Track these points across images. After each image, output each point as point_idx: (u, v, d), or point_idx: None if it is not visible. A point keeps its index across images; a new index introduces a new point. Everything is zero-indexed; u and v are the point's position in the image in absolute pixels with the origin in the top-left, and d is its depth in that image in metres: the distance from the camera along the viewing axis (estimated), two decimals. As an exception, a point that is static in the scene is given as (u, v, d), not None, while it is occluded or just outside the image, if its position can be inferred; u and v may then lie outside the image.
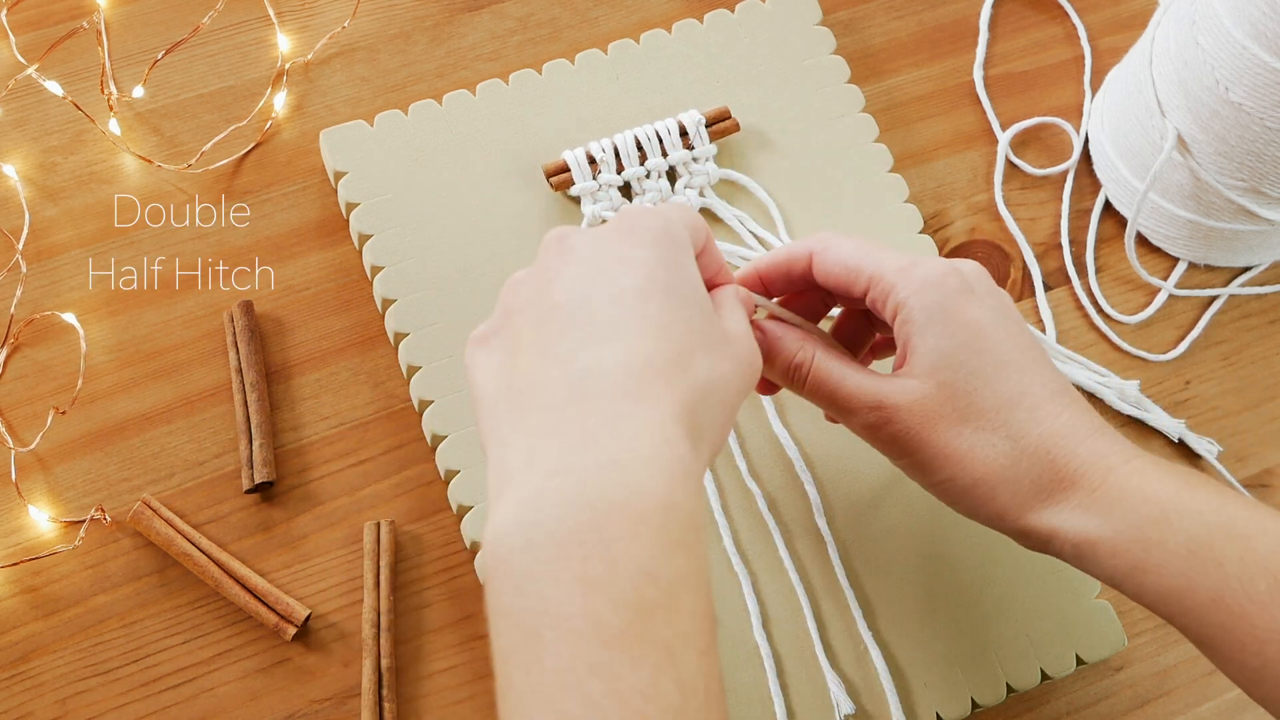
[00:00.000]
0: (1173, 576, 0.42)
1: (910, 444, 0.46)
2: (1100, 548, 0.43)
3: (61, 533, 0.56)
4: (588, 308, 0.40)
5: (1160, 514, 0.42)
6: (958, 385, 0.45)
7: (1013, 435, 0.44)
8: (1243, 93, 0.56)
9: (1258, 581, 0.40)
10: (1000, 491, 0.45)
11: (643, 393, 0.38)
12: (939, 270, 0.46)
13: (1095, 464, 0.44)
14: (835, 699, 0.54)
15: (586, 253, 0.42)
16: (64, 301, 0.60)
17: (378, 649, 0.54)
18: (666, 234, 0.42)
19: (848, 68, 0.66)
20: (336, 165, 0.61)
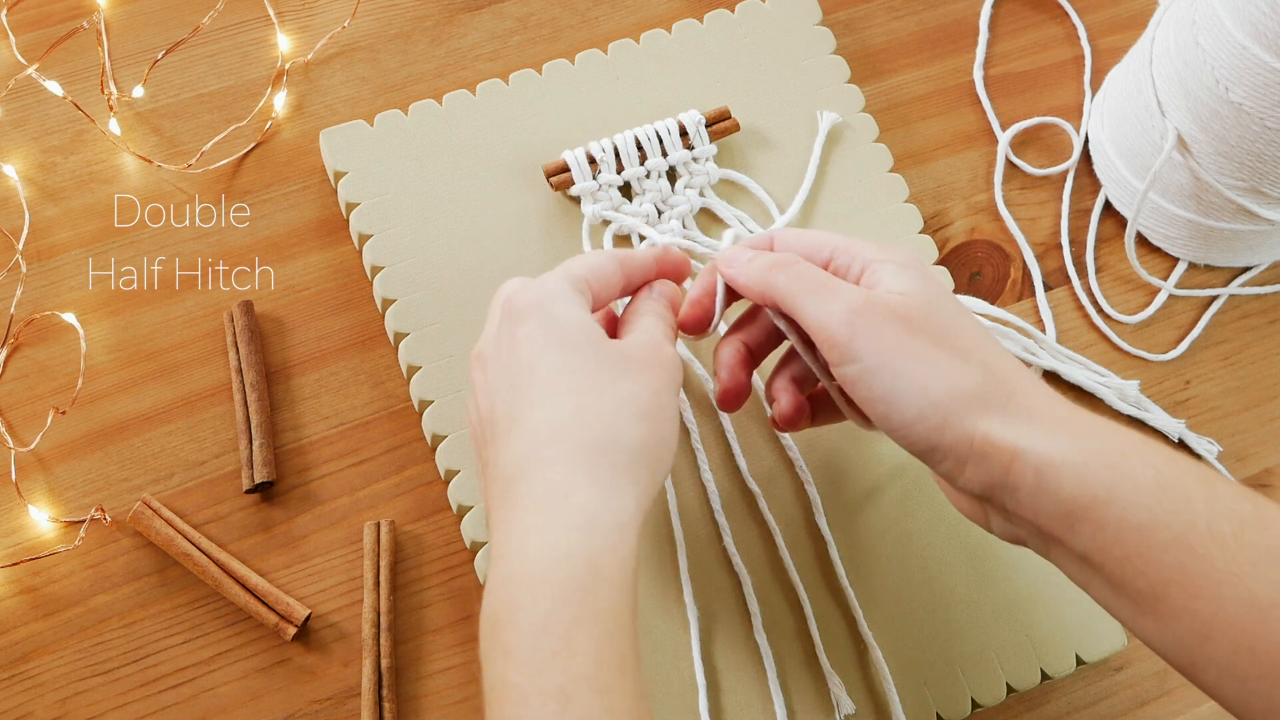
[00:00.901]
0: (1137, 510, 0.40)
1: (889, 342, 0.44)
2: (1065, 473, 0.41)
3: (61, 533, 0.56)
4: (501, 405, 0.45)
5: (1132, 447, 0.41)
6: (936, 310, 0.45)
7: (985, 361, 0.44)
8: (1243, 93, 0.56)
9: (1223, 522, 0.39)
10: (971, 401, 0.43)
11: (541, 458, 0.42)
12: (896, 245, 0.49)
13: (1063, 406, 0.44)
14: (836, 699, 0.54)
15: (489, 355, 0.46)
16: (64, 301, 0.60)
17: (378, 649, 0.54)
18: (537, 300, 0.46)
19: (848, 68, 0.66)
20: (336, 165, 0.61)
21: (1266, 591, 0.38)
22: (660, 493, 0.56)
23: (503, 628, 0.39)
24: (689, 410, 0.58)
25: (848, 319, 0.44)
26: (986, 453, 0.43)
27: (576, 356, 0.44)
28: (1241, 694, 0.39)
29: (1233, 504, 0.40)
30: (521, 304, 0.46)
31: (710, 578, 0.55)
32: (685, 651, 0.54)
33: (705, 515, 0.57)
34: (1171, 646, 0.40)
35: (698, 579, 0.55)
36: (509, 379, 0.45)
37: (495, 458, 0.44)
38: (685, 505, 0.56)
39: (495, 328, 0.47)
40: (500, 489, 0.43)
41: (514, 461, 0.43)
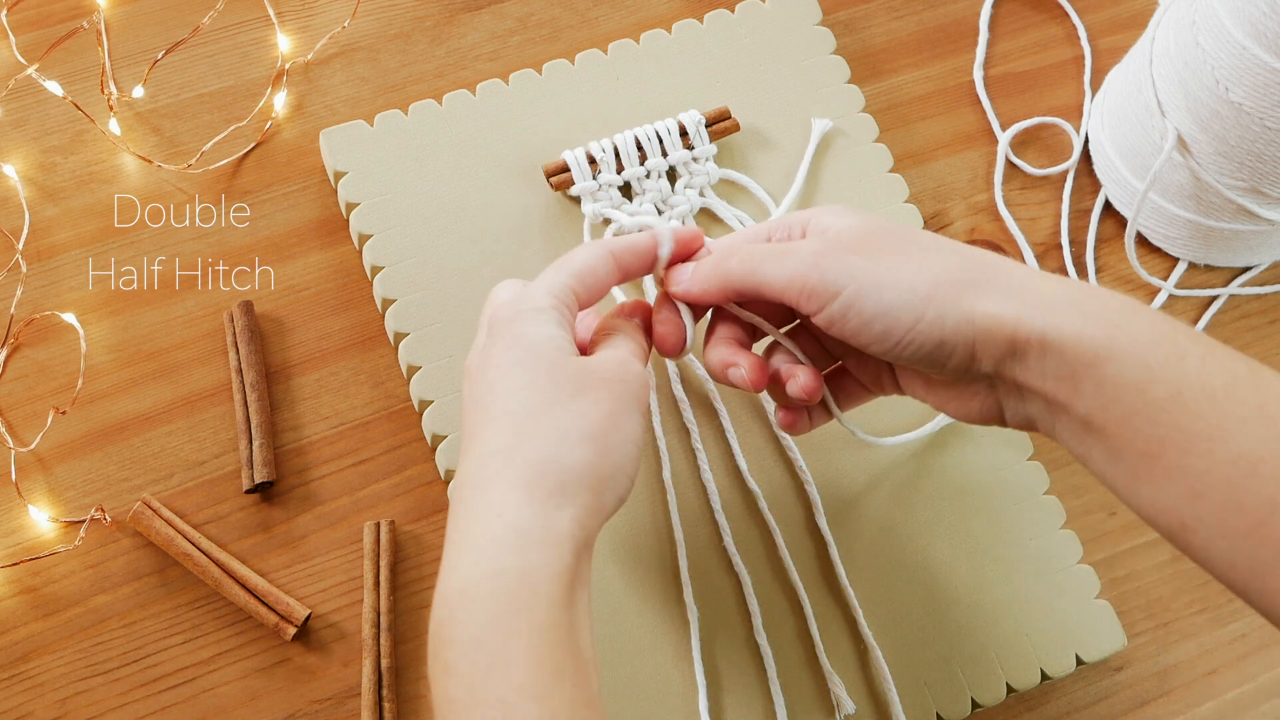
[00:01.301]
0: (1135, 367, 0.40)
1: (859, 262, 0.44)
2: (1066, 332, 0.41)
3: (61, 533, 0.56)
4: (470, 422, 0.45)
5: (1128, 306, 0.42)
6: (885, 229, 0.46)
7: (955, 249, 0.45)
8: (1243, 93, 0.56)
9: (1215, 377, 0.40)
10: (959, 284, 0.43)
11: (483, 480, 0.42)
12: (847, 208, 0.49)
13: (1049, 276, 0.44)
14: (836, 699, 0.54)
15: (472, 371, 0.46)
16: (64, 301, 0.60)
17: (378, 649, 0.54)
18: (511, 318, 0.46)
19: (848, 68, 0.66)
20: (336, 165, 0.61)
21: (1254, 448, 0.38)
22: (660, 492, 0.56)
23: (443, 644, 0.40)
24: (689, 410, 0.58)
25: (812, 261, 0.45)
26: (990, 328, 0.43)
27: (532, 376, 0.44)
28: (1228, 553, 0.39)
29: (1228, 361, 0.40)
30: (501, 319, 0.46)
31: (710, 578, 0.55)
32: (685, 651, 0.54)
33: (705, 515, 0.57)
34: (1164, 510, 0.41)
35: (698, 579, 0.55)
36: (475, 397, 0.45)
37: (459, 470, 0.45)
38: (685, 505, 0.56)
39: (480, 341, 0.47)
40: (451, 507, 0.44)
41: (462, 481, 0.43)
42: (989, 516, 0.58)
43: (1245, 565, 0.39)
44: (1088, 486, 0.61)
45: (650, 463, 0.57)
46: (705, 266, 0.48)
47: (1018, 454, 0.59)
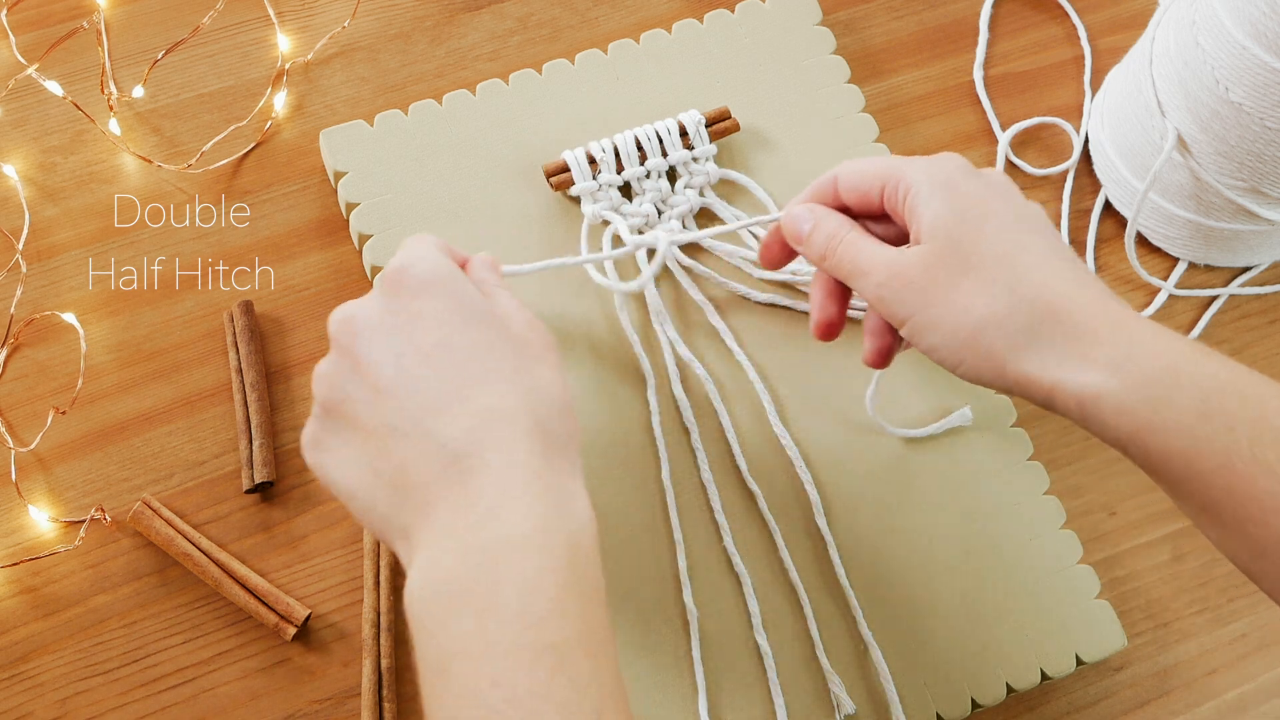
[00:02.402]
0: (1180, 437, 0.40)
1: (911, 303, 0.46)
2: (1105, 403, 0.42)
3: (61, 533, 0.56)
4: (408, 377, 0.42)
5: (1172, 370, 0.41)
6: (959, 241, 0.46)
7: (1011, 283, 0.45)
8: (1243, 93, 0.56)
9: (1269, 448, 0.39)
10: (997, 338, 0.44)
11: (495, 436, 0.41)
12: (942, 158, 0.49)
13: (1103, 316, 0.43)
14: (836, 699, 0.54)
15: (377, 324, 0.44)
16: (64, 301, 0.60)
17: (378, 649, 0.54)
18: (435, 275, 0.44)
19: (848, 68, 0.66)
20: (336, 165, 0.61)
21: None
22: (659, 493, 0.56)
23: (478, 586, 0.39)
24: (689, 410, 0.58)
25: (877, 295, 0.48)
26: (1026, 387, 0.44)
27: (495, 342, 0.44)
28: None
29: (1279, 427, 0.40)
30: (418, 276, 0.44)
31: (710, 578, 0.55)
32: (685, 651, 0.54)
33: (705, 515, 0.57)
34: (1232, 554, 0.42)
35: (697, 579, 0.55)
36: (419, 353, 0.43)
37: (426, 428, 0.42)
38: (685, 505, 0.56)
39: (381, 300, 0.44)
40: (443, 460, 0.41)
41: (461, 435, 0.41)
42: (989, 516, 0.58)
43: None
44: (1088, 486, 0.61)
45: (649, 463, 0.57)
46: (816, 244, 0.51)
47: (1018, 454, 0.59)
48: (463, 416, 0.42)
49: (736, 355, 0.59)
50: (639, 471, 0.57)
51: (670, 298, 0.60)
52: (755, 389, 0.59)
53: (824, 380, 0.59)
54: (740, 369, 0.59)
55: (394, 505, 0.42)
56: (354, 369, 0.44)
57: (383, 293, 0.45)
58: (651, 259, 0.58)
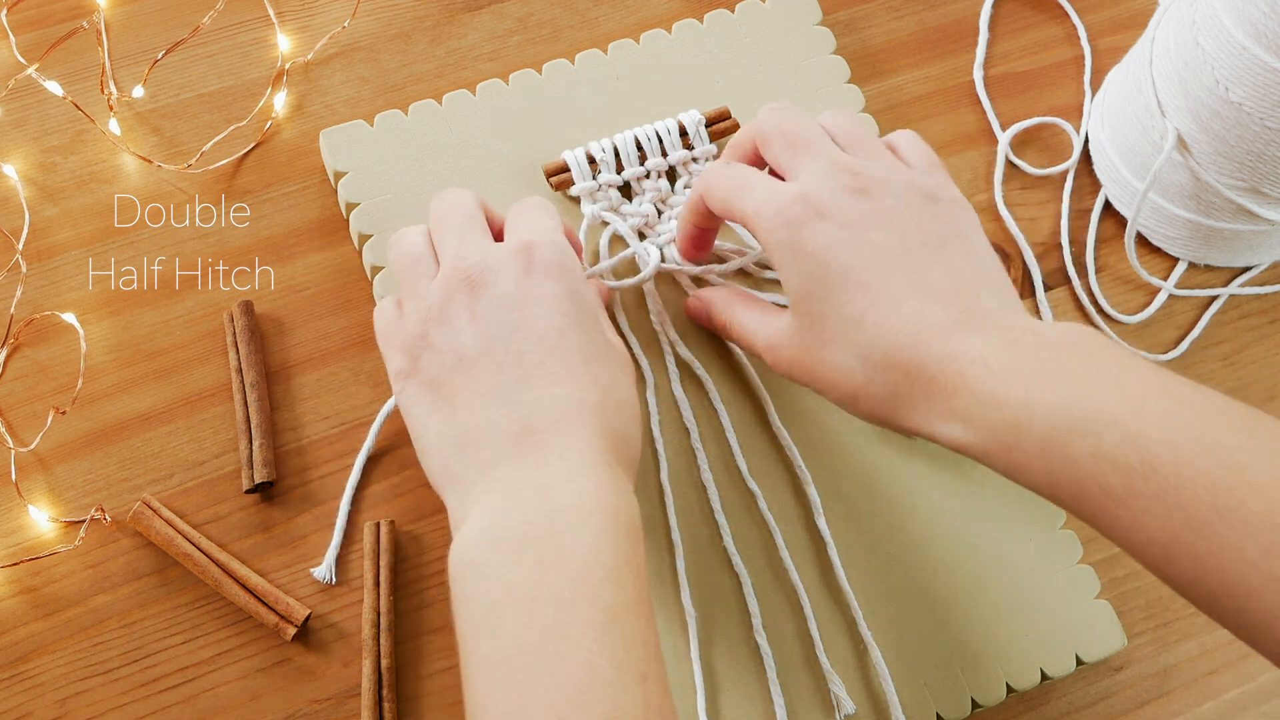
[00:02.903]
0: (1037, 475, 0.42)
1: (798, 375, 0.49)
2: (972, 450, 0.44)
3: (61, 533, 0.56)
4: (515, 350, 0.46)
5: (1012, 419, 0.42)
6: (812, 315, 0.47)
7: (861, 354, 0.46)
8: (1243, 93, 0.56)
9: (1111, 477, 0.40)
10: (871, 404, 0.47)
11: (578, 423, 0.45)
12: (783, 203, 0.48)
13: (947, 366, 0.44)
14: (836, 699, 0.54)
15: (498, 290, 0.47)
16: (64, 301, 0.60)
17: (377, 649, 0.54)
18: (564, 264, 0.48)
19: (848, 68, 0.66)
20: (336, 165, 0.61)
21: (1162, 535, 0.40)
22: (658, 493, 0.56)
23: (541, 542, 0.41)
24: (688, 411, 0.58)
25: (772, 365, 0.51)
26: (913, 434, 0.47)
27: (598, 344, 0.47)
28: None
29: (1119, 457, 0.40)
30: (549, 259, 0.48)
31: (709, 578, 0.55)
32: (684, 652, 0.54)
33: (705, 515, 0.57)
34: None
35: (696, 579, 0.55)
36: (534, 331, 0.46)
37: (515, 397, 0.45)
38: (684, 505, 0.56)
39: (509, 264, 0.48)
40: (520, 428, 0.45)
41: (547, 412, 0.45)
42: (989, 516, 0.58)
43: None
44: (1088, 486, 0.61)
45: (649, 463, 0.57)
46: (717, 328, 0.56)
47: (1018, 454, 0.59)
48: (555, 398, 0.45)
49: (737, 353, 0.59)
50: (639, 471, 0.57)
51: (670, 298, 0.60)
52: (755, 388, 0.59)
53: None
54: (740, 369, 0.59)
55: (460, 458, 0.45)
56: (458, 329, 0.47)
57: (510, 260, 0.48)
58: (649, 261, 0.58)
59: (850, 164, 0.49)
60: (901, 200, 0.48)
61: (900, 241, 0.47)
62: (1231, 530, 0.38)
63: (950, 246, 0.47)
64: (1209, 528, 0.38)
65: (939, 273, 0.46)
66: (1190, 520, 0.39)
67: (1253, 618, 0.38)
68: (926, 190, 0.49)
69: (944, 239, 0.47)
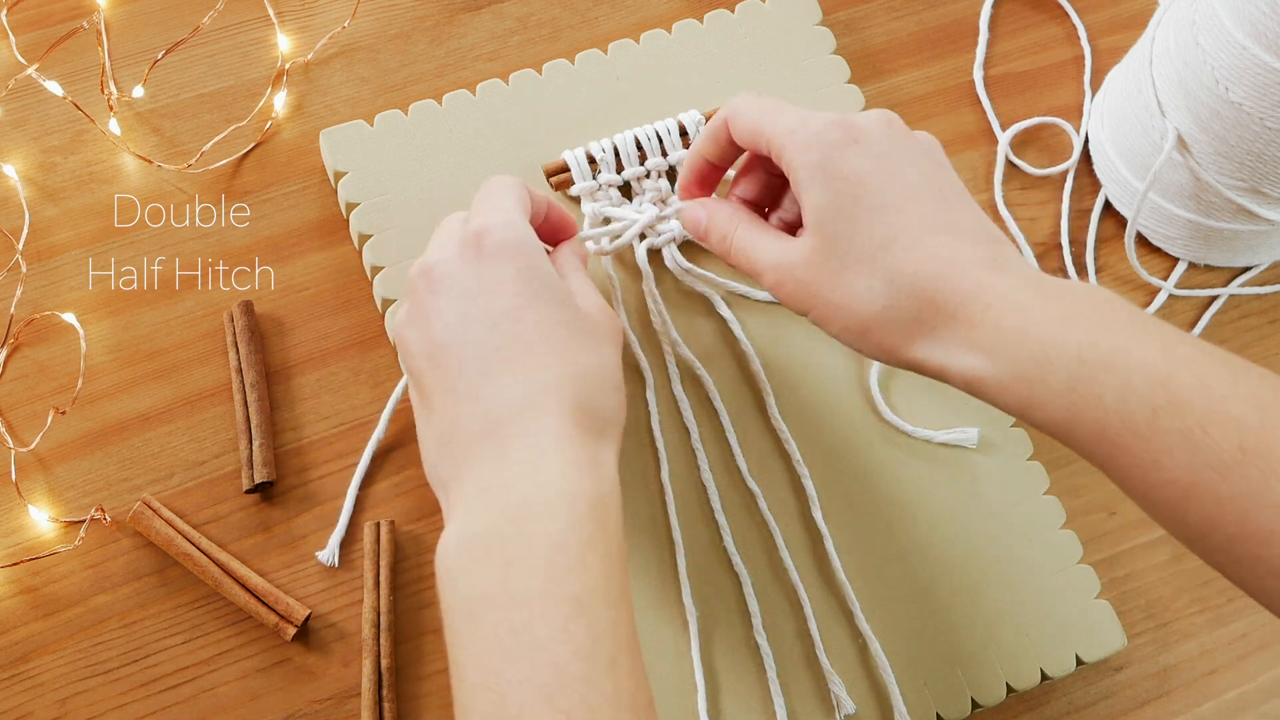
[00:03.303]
0: (1058, 412, 0.42)
1: (804, 299, 0.48)
2: (987, 385, 0.44)
3: (61, 533, 0.56)
4: (472, 341, 0.45)
5: (1040, 352, 0.42)
6: (837, 236, 0.47)
7: (888, 276, 0.46)
8: (1243, 93, 0.56)
9: (1136, 414, 0.40)
10: (885, 332, 0.46)
11: (539, 408, 0.44)
12: (820, 126, 0.48)
13: (975, 298, 0.44)
14: (837, 698, 0.54)
15: (452, 283, 0.46)
16: (64, 301, 0.60)
17: (377, 649, 0.54)
18: (516, 244, 0.47)
19: (848, 68, 0.66)
20: (336, 165, 0.61)
21: (1184, 475, 0.39)
22: (659, 493, 0.56)
23: (505, 541, 0.41)
24: (689, 410, 0.58)
25: (773, 292, 0.49)
26: (921, 369, 0.46)
27: (556, 312, 0.46)
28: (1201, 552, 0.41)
29: (1144, 393, 0.40)
30: (500, 242, 0.47)
31: (709, 578, 0.55)
32: (685, 652, 0.54)
33: (705, 515, 0.57)
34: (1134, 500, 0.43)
35: (697, 579, 0.55)
36: (487, 318, 0.46)
37: (476, 391, 0.45)
38: (684, 505, 0.56)
39: (461, 255, 0.47)
40: (485, 424, 0.44)
41: (509, 403, 0.44)
42: (989, 516, 0.58)
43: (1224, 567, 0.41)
44: (1088, 486, 0.61)
45: (649, 463, 0.57)
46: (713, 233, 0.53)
47: (1018, 454, 0.59)
48: (513, 386, 0.44)
49: (742, 343, 0.59)
50: (639, 471, 0.57)
51: (670, 297, 0.60)
52: (756, 385, 0.59)
53: (824, 378, 0.59)
54: (739, 369, 0.59)
55: (440, 458, 0.46)
56: (423, 324, 0.47)
57: (463, 249, 0.47)
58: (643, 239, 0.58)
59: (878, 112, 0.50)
60: (923, 150, 0.49)
61: (930, 181, 0.47)
62: (1257, 472, 0.38)
63: (970, 201, 0.48)
64: (1234, 469, 0.38)
65: (969, 216, 0.47)
66: (1215, 461, 0.39)
67: (1268, 565, 0.38)
68: (938, 154, 0.50)
69: (962, 194, 0.48)
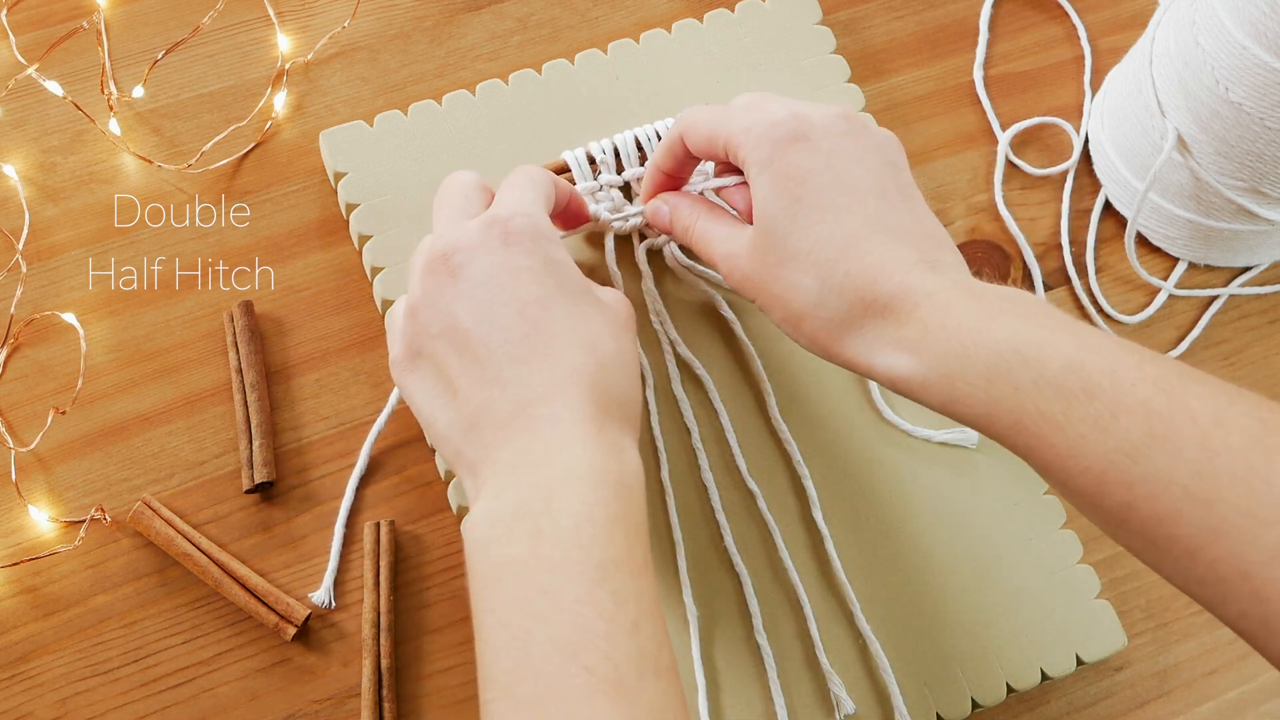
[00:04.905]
0: (977, 405, 0.43)
1: (749, 289, 0.50)
2: (912, 383, 0.45)
3: (61, 533, 0.56)
4: (500, 327, 0.46)
5: (960, 348, 0.43)
6: (776, 231, 0.48)
7: (820, 274, 0.47)
8: (1243, 93, 0.56)
9: (1051, 403, 0.41)
10: (816, 326, 0.47)
11: (565, 393, 0.45)
12: (771, 121, 0.49)
13: (904, 298, 0.45)
14: (837, 698, 0.54)
15: (477, 269, 0.47)
16: (64, 301, 0.60)
17: (377, 649, 0.54)
18: (538, 232, 0.48)
19: (848, 68, 0.66)
20: (336, 166, 0.61)
21: (1097, 462, 0.40)
22: (659, 493, 0.56)
23: (535, 514, 0.42)
24: (688, 411, 0.58)
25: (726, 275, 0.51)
26: (851, 366, 0.47)
27: (584, 307, 0.48)
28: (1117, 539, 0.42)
29: (1059, 380, 0.41)
30: (522, 230, 0.48)
31: (710, 578, 0.55)
32: (685, 651, 0.54)
33: (705, 515, 0.57)
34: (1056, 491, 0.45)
35: (697, 579, 0.55)
36: (516, 305, 0.46)
37: (505, 377, 0.46)
38: (684, 506, 0.56)
39: (483, 241, 0.48)
40: (515, 406, 0.45)
41: (538, 386, 0.45)
42: (989, 516, 0.58)
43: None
44: (1088, 486, 0.61)
45: (649, 463, 0.57)
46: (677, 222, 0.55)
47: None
48: (543, 370, 0.46)
49: (742, 343, 0.59)
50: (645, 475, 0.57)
51: (670, 297, 0.60)
52: (756, 385, 0.59)
53: (824, 378, 0.59)
54: (739, 369, 0.59)
55: (468, 441, 0.46)
56: (445, 310, 0.47)
57: (486, 235, 0.48)
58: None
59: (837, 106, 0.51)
60: (876, 147, 0.50)
61: (875, 181, 0.49)
62: (1164, 455, 0.39)
63: (915, 202, 0.49)
64: (1142, 452, 0.39)
65: (908, 218, 0.48)
66: (1125, 446, 0.39)
67: (1182, 545, 0.39)
68: (891, 152, 0.51)
69: (909, 195, 0.49)
